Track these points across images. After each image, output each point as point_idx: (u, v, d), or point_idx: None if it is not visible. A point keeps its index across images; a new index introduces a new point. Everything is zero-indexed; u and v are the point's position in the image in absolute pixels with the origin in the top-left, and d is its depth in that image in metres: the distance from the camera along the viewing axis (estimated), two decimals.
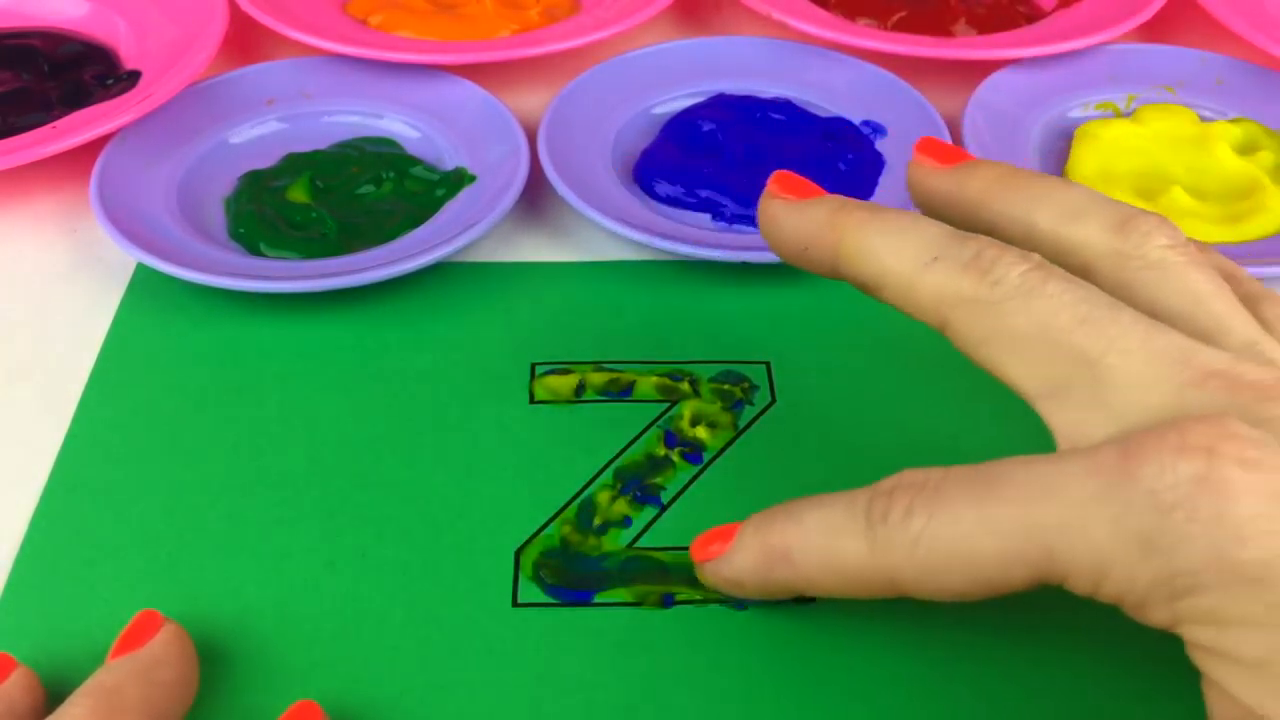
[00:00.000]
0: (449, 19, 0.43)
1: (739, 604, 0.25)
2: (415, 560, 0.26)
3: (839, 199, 0.23)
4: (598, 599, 0.25)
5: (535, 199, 0.36)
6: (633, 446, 0.28)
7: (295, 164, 0.37)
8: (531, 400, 0.30)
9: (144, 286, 0.33)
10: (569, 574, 0.26)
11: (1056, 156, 0.38)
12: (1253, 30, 0.40)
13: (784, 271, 0.33)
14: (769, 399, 0.30)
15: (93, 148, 0.35)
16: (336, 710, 0.23)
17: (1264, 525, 0.16)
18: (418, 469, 0.28)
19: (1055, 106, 0.39)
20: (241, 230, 0.34)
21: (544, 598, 0.25)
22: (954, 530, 0.19)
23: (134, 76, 0.39)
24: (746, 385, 0.30)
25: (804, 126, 0.38)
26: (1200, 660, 0.18)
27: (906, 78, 0.39)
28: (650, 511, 0.27)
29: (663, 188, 0.36)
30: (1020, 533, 0.18)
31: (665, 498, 0.27)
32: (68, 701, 0.21)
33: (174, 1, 0.42)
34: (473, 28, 0.42)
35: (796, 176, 0.24)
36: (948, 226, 0.22)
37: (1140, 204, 0.35)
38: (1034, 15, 0.45)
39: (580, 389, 0.30)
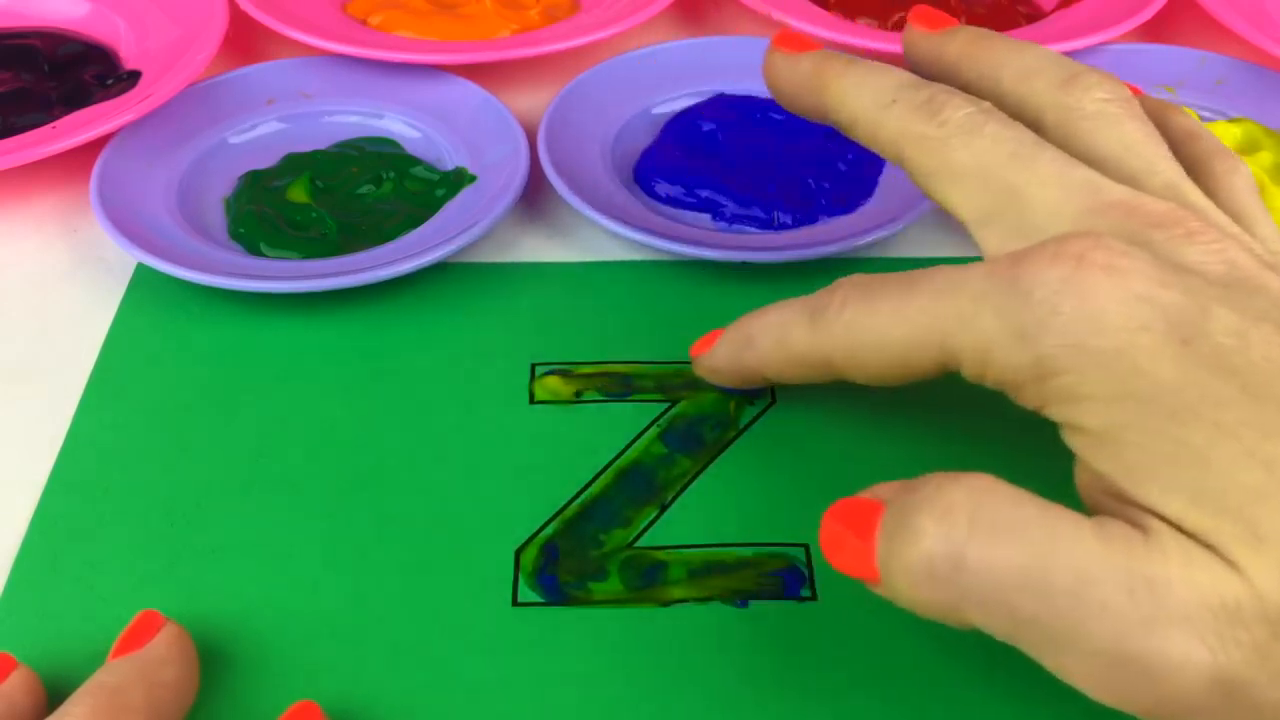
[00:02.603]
0: (449, 19, 0.43)
1: (740, 603, 0.25)
2: (415, 560, 0.26)
3: (826, 52, 0.26)
4: (596, 594, 0.25)
5: (535, 199, 0.36)
6: (632, 446, 0.28)
7: (295, 164, 0.37)
8: (531, 400, 0.30)
9: (144, 286, 0.33)
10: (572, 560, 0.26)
11: None
12: (1253, 30, 0.40)
13: (784, 272, 0.33)
14: (769, 399, 0.30)
15: (93, 148, 0.35)
16: (336, 710, 0.23)
17: (1117, 321, 0.19)
18: (418, 469, 0.28)
19: None
20: (241, 230, 0.34)
21: (543, 596, 0.25)
22: (875, 319, 0.22)
23: (134, 76, 0.39)
24: None
25: (804, 126, 0.38)
26: (1066, 438, 0.20)
27: None
28: (650, 511, 0.27)
29: (663, 188, 0.36)
30: (924, 321, 0.21)
31: (665, 497, 0.27)
32: (69, 701, 0.21)
33: (174, 1, 0.42)
34: (473, 28, 0.42)
35: (796, 34, 0.28)
36: (911, 75, 0.25)
37: None
38: (1034, 15, 0.45)
39: (580, 389, 0.30)
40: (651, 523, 0.27)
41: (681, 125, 0.38)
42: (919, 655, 0.24)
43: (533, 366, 0.31)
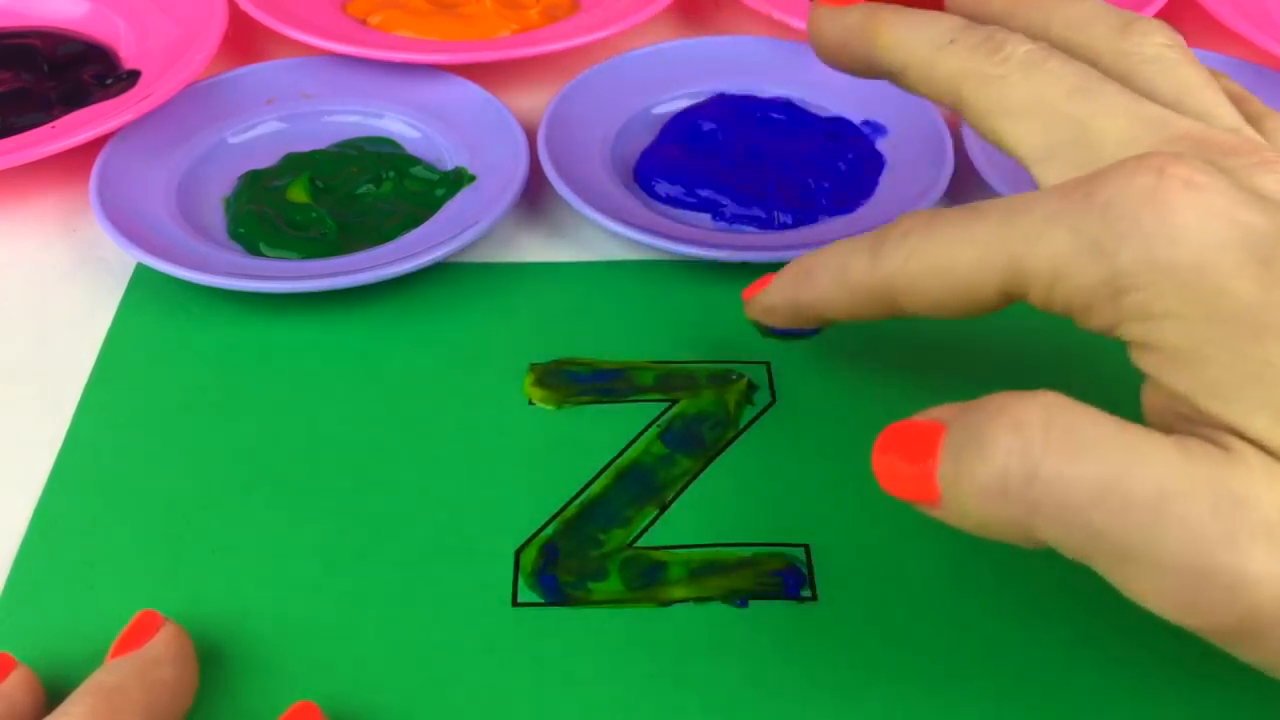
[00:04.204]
0: (449, 19, 0.43)
1: (740, 603, 0.25)
2: (415, 560, 0.26)
3: (873, 4, 0.26)
4: (596, 594, 0.25)
5: (535, 199, 0.36)
6: (632, 446, 0.28)
7: (295, 164, 0.37)
8: (531, 400, 0.30)
9: (144, 286, 0.33)
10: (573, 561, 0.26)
11: None
12: (1254, 30, 0.40)
13: None
14: (769, 399, 0.30)
15: (92, 148, 0.35)
16: (336, 710, 0.23)
17: (1196, 235, 0.18)
18: (417, 469, 0.28)
19: None
20: (241, 230, 0.34)
21: (542, 596, 0.25)
22: (939, 245, 0.22)
23: (133, 76, 0.39)
24: (747, 385, 0.30)
25: (804, 126, 0.38)
26: (1136, 358, 0.20)
27: None
28: (650, 511, 0.27)
29: (663, 188, 0.36)
30: (993, 242, 0.21)
31: (665, 497, 0.27)
32: (68, 700, 0.21)
33: (174, 1, 0.42)
34: (473, 28, 0.42)
35: None
36: (965, 20, 0.24)
37: None
38: None
39: (575, 395, 0.30)
40: (651, 523, 0.27)
41: (681, 125, 0.38)
42: (919, 655, 0.24)
43: (532, 366, 0.31)
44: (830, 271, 0.25)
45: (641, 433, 0.29)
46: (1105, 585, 0.18)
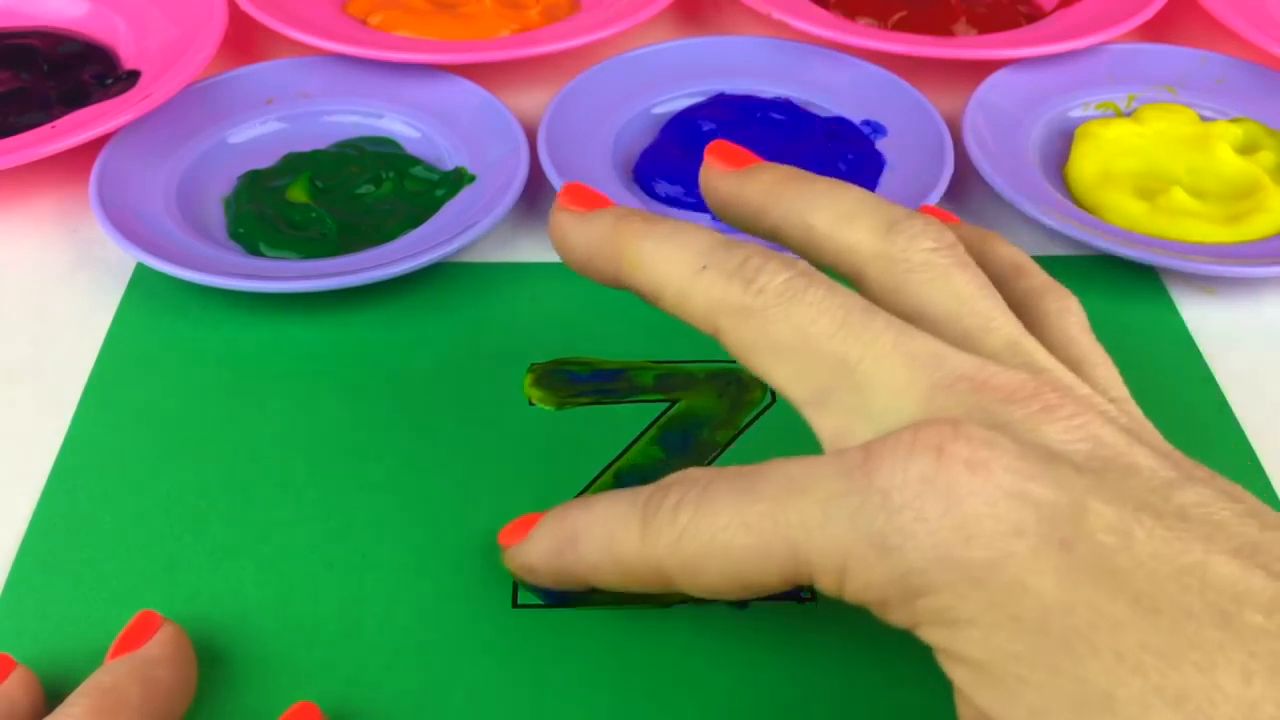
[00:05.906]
0: (449, 19, 0.43)
1: (740, 604, 0.25)
2: (415, 561, 0.26)
3: (621, 210, 0.23)
4: (596, 596, 0.25)
5: (535, 199, 0.36)
6: (633, 447, 0.28)
7: (295, 164, 0.37)
8: (531, 401, 0.30)
9: (144, 286, 0.33)
10: None
11: (1056, 156, 0.38)
12: (1253, 30, 0.40)
13: None
14: (769, 399, 0.30)
15: (92, 147, 0.35)
16: (336, 710, 0.23)
17: (987, 526, 0.17)
18: (417, 469, 0.28)
19: (1055, 106, 0.39)
20: (241, 230, 0.34)
21: (542, 598, 0.25)
22: (712, 525, 0.19)
23: (133, 76, 0.39)
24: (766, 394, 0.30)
25: (804, 126, 0.38)
26: (942, 664, 0.18)
27: (906, 78, 0.39)
28: None
29: (663, 188, 0.36)
30: (770, 529, 0.19)
31: None
32: (67, 701, 0.21)
33: (174, 1, 0.42)
34: (473, 28, 0.42)
35: (584, 188, 0.24)
36: (719, 234, 0.22)
37: (1140, 204, 0.35)
38: (1034, 15, 0.45)
39: (577, 392, 0.30)
40: None
41: (681, 125, 0.38)
42: (917, 657, 0.24)
43: (532, 366, 0.31)
44: (596, 543, 0.22)
45: (642, 433, 0.29)
46: None
